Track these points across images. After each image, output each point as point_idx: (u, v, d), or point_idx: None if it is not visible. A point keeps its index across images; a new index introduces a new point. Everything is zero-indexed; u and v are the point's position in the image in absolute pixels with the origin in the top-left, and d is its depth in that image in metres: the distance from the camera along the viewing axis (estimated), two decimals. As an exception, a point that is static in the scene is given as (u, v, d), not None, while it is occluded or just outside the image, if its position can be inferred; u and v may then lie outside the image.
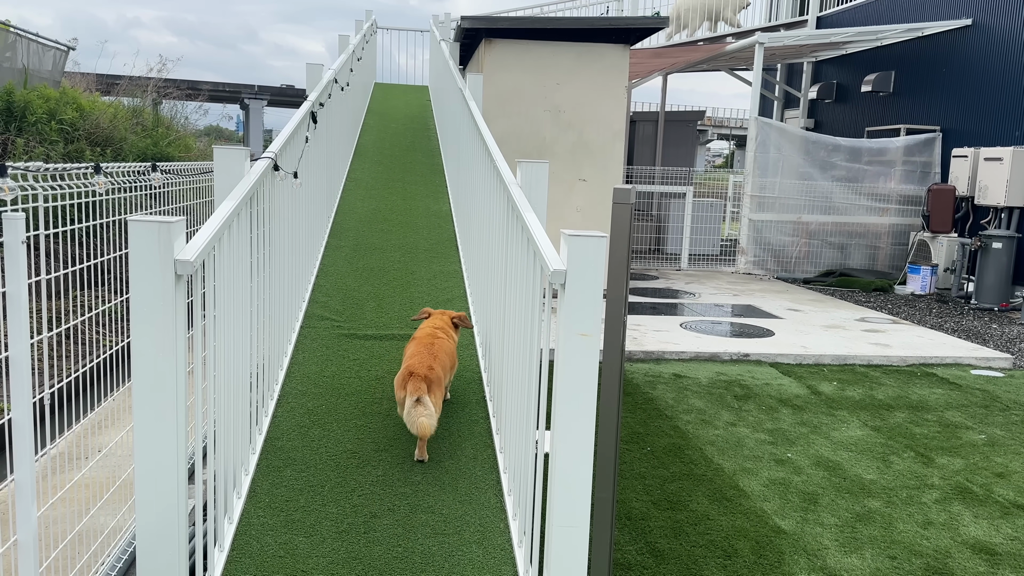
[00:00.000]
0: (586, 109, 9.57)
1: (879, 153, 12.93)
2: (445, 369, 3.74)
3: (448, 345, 3.90)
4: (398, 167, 8.79)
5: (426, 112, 11.90)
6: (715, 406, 5.91)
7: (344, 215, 7.04)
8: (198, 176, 5.75)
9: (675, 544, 3.77)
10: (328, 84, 6.11)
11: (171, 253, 2.24)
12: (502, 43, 9.45)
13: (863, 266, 12.94)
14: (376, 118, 11.22)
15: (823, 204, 12.74)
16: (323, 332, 4.82)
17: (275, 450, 3.58)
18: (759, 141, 12.32)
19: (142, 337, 2.25)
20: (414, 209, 7.39)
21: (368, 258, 6.10)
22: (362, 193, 7.73)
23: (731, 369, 6.99)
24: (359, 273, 5.78)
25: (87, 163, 3.54)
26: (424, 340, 3.82)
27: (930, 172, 12.88)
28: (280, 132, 4.40)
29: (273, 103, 35.53)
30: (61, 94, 11.13)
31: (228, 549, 2.95)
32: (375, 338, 4.79)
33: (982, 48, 12.20)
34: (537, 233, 2.75)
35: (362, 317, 5.07)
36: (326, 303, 5.23)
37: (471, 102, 5.78)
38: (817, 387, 6.54)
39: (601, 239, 2.39)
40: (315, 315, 5.04)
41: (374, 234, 6.64)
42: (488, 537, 3.10)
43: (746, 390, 6.34)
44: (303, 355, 4.52)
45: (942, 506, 4.36)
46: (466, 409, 4.01)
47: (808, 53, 15.53)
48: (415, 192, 7.91)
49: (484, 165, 4.85)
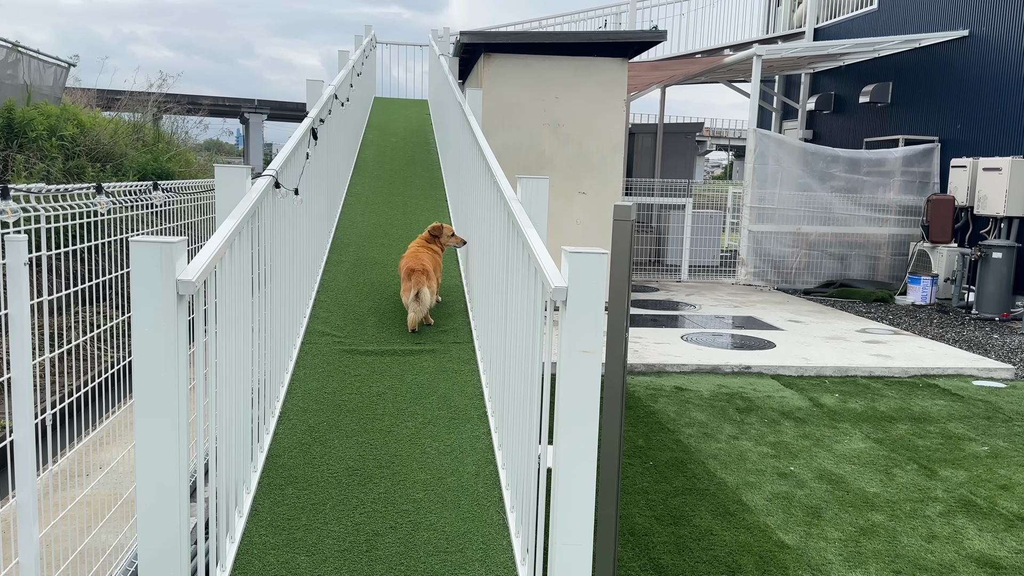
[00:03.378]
0: (585, 122, 9.60)
1: (878, 164, 12.95)
2: (435, 265, 5.32)
3: (430, 253, 5.35)
4: (398, 181, 8.81)
5: (425, 126, 11.94)
6: (717, 419, 5.90)
7: (345, 230, 7.05)
8: (200, 194, 5.77)
9: (678, 560, 3.76)
10: (328, 100, 6.13)
11: (173, 273, 2.24)
12: (501, 57, 9.49)
13: (863, 277, 12.95)
14: (376, 132, 11.26)
15: (823, 215, 12.76)
16: (324, 348, 4.82)
17: (277, 468, 3.57)
18: (758, 153, 12.35)
19: (144, 357, 2.24)
20: (415, 223, 7.40)
21: (369, 273, 6.10)
22: (363, 208, 7.75)
23: (733, 381, 6.98)
24: (360, 288, 5.79)
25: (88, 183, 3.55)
26: (410, 256, 5.29)
27: (929, 182, 12.90)
28: (281, 148, 4.41)
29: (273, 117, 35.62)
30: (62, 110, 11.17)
31: (230, 568, 2.94)
32: (376, 353, 4.79)
33: (979, 59, 12.24)
34: (538, 249, 2.75)
35: (363, 332, 5.07)
36: (327, 318, 5.23)
37: (471, 117, 5.80)
38: (819, 399, 6.53)
39: (602, 256, 2.40)
40: (316, 331, 5.04)
41: (375, 248, 6.65)
42: (491, 555, 3.09)
43: (748, 403, 6.33)
44: (304, 371, 4.51)
45: (946, 519, 4.35)
46: (468, 424, 4.00)
47: (805, 65, 15.59)
48: (416, 206, 7.93)
49: (484, 180, 4.86)
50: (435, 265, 5.39)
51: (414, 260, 5.25)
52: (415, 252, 5.37)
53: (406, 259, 5.34)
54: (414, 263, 5.21)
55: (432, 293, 5.16)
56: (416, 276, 5.09)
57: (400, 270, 5.38)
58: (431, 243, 5.52)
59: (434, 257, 5.48)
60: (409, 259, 5.30)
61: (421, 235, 5.61)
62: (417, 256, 5.32)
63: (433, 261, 5.43)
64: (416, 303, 5.04)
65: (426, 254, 5.42)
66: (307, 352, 4.76)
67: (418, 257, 5.31)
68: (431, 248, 5.48)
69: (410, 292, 5.05)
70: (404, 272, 5.21)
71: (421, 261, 5.26)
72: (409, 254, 5.38)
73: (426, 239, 5.53)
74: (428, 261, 5.34)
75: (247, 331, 3.21)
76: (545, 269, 2.55)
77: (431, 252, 5.44)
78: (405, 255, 5.44)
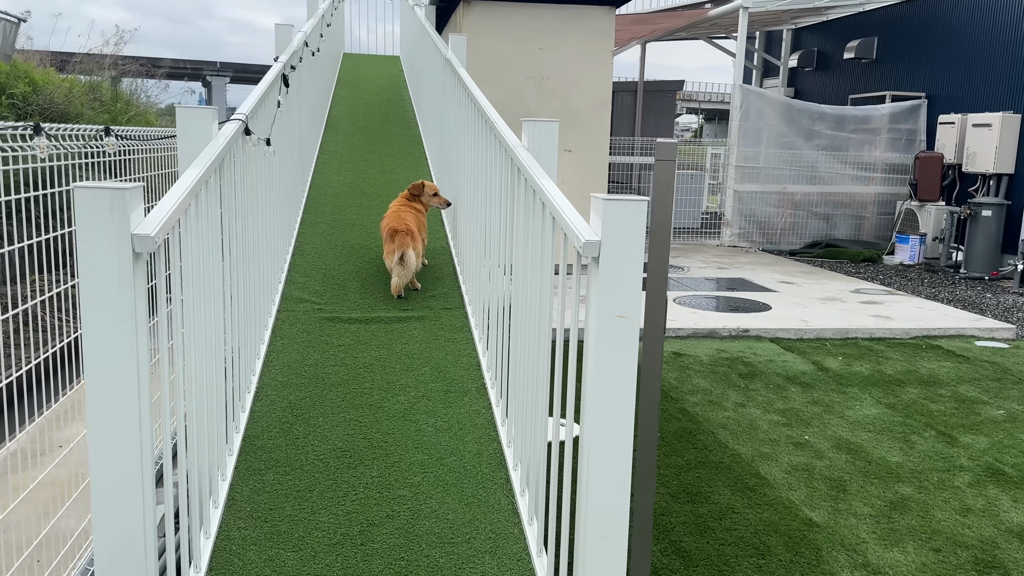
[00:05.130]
0: (571, 76, 9.14)
1: (863, 121, 12.66)
2: (420, 226, 4.95)
3: (413, 213, 4.96)
4: (374, 139, 8.34)
5: (399, 83, 11.41)
6: (721, 386, 5.60)
7: (319, 189, 6.59)
8: (160, 144, 5.26)
9: (702, 543, 3.43)
10: (299, 47, 5.64)
11: (127, 226, 1.84)
12: (481, 6, 8.98)
13: (848, 236, 12.71)
14: (347, 88, 10.71)
15: (808, 174, 12.47)
16: (303, 316, 4.41)
17: (255, 450, 3.18)
18: (743, 110, 11.99)
19: (94, 324, 1.85)
20: (394, 182, 6.95)
21: (348, 235, 5.67)
22: (337, 166, 7.28)
23: (731, 346, 6.68)
24: (339, 251, 5.36)
25: (24, 124, 3.07)
26: (392, 216, 4.88)
27: (915, 140, 12.64)
28: (249, 95, 3.96)
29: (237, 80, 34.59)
30: (12, 68, 10.49)
31: (205, 568, 2.56)
32: (360, 321, 4.39)
33: (967, 12, 11.93)
34: (557, 199, 2.37)
35: (345, 299, 4.66)
36: (304, 284, 4.82)
37: (457, 64, 5.35)
38: (823, 363, 6.25)
39: (640, 203, 2.03)
40: (293, 297, 4.62)
41: (352, 209, 6.21)
42: (501, 546, 2.74)
43: (750, 368, 6.03)
44: (282, 342, 4.10)
45: (977, 490, 4.08)
46: (465, 398, 3.64)
47: (789, 20, 15.20)
48: (394, 164, 7.47)
49: (476, 131, 4.45)
50: (419, 225, 5.02)
51: (397, 220, 4.84)
52: (397, 212, 4.98)
53: (388, 219, 4.92)
54: (397, 223, 4.80)
55: (418, 256, 4.76)
56: (400, 237, 4.67)
57: (382, 231, 4.97)
58: (412, 202, 5.09)
59: (418, 217, 5.07)
60: (391, 219, 4.88)
61: (401, 194, 5.21)
62: (400, 216, 4.91)
63: (417, 221, 5.02)
64: (401, 266, 4.63)
65: (409, 213, 5.01)
66: (284, 320, 4.35)
67: (401, 217, 4.90)
68: (414, 207, 5.06)
69: (394, 255, 4.64)
70: (386, 233, 4.80)
71: (404, 221, 4.85)
72: (391, 214, 4.97)
73: (407, 198, 5.10)
74: (412, 221, 4.93)
75: (218, 297, 2.80)
76: (570, 221, 2.18)
77: (414, 212, 5.06)
78: (386, 215, 5.03)
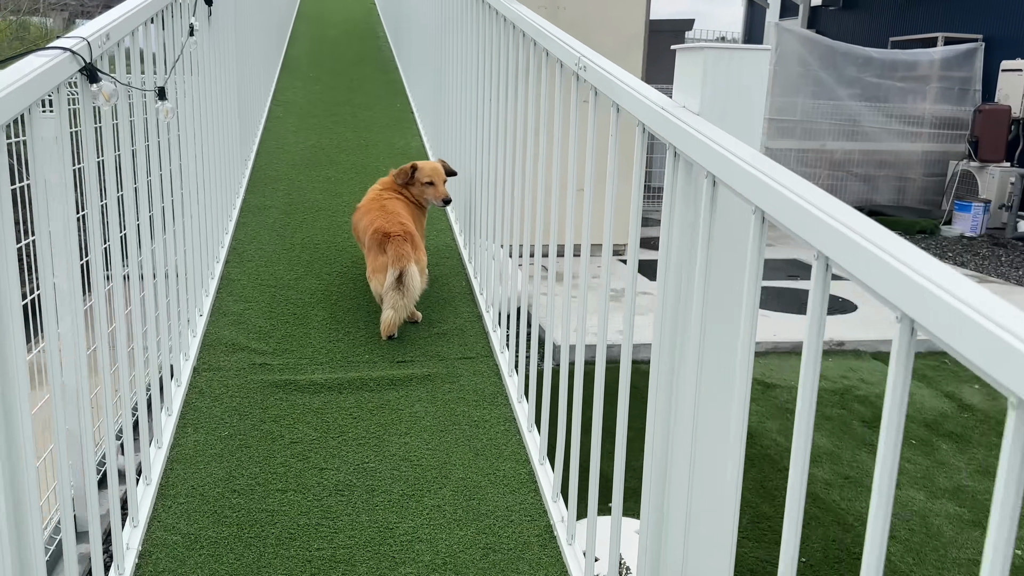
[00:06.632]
0: (593, 6, 7.28)
1: (910, 68, 10.95)
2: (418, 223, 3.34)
3: (405, 205, 3.30)
4: (343, 86, 6.48)
5: (372, 17, 9.47)
6: (847, 444, 3.95)
7: (270, 156, 4.78)
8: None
9: None
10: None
11: None
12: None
13: (891, 202, 11.07)
14: (309, 23, 8.77)
15: (849, 129, 10.77)
16: (234, 379, 2.67)
17: None
18: (779, 53, 10.22)
19: None
20: (372, 144, 5.16)
21: (309, 227, 3.91)
22: (295, 122, 5.45)
23: (828, 368, 5.04)
24: (296, 255, 3.60)
25: None
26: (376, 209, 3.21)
27: (969, 89, 10.96)
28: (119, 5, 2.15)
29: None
30: None
31: None
32: (329, 388, 2.66)
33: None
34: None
35: (305, 342, 2.92)
36: (241, 316, 3.07)
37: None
38: (959, 395, 4.63)
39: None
40: (222, 341, 2.88)
41: (316, 185, 4.43)
42: None
43: (872, 409, 4.39)
44: (195, 436, 2.37)
45: None
46: (526, 565, 1.96)
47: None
48: (371, 121, 5.65)
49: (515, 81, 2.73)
50: (419, 223, 3.37)
51: (385, 217, 3.13)
52: (383, 203, 3.26)
53: (371, 213, 3.20)
54: (387, 222, 3.06)
55: (422, 272, 3.02)
56: (396, 245, 2.93)
57: (360, 232, 3.23)
58: (402, 191, 3.40)
59: (413, 211, 3.34)
60: (377, 214, 3.15)
61: (383, 179, 3.49)
62: (390, 210, 3.19)
63: (414, 216, 3.30)
64: (398, 292, 2.89)
65: (401, 205, 3.27)
66: (203, 388, 2.61)
67: (392, 211, 3.18)
68: (404, 198, 3.37)
69: (387, 273, 2.90)
70: (371, 238, 3.06)
71: (398, 218, 3.11)
72: (374, 206, 3.25)
73: (392, 188, 3.39)
74: (407, 216, 3.20)
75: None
76: None
77: (407, 204, 3.35)
78: (366, 205, 3.32)
